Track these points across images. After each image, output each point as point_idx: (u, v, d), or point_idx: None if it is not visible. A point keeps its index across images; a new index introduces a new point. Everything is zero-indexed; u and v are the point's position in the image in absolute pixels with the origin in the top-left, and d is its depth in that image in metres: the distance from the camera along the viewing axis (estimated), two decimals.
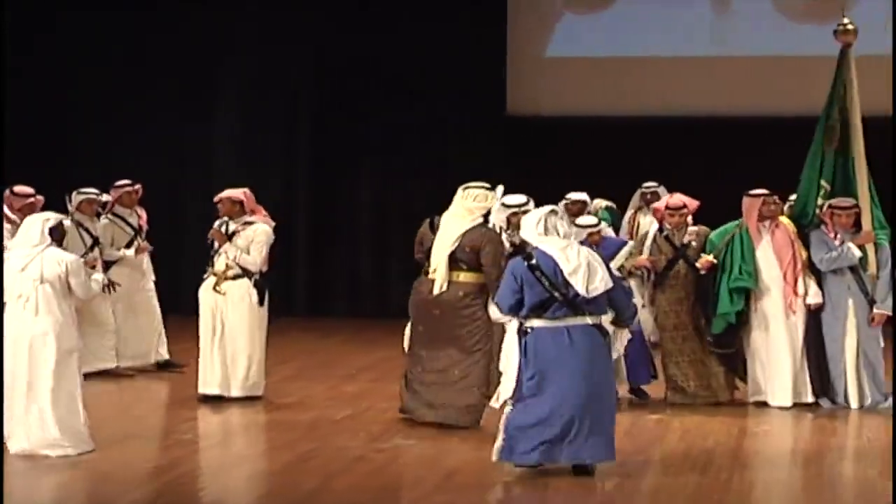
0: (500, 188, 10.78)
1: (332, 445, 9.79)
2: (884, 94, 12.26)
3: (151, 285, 12.81)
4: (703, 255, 11.21)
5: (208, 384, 11.31)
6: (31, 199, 12.01)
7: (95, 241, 12.50)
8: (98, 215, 12.65)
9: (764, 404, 11.22)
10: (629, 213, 14.57)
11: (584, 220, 11.61)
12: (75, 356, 9.33)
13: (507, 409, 8.79)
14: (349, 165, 17.24)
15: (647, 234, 11.70)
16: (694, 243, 11.33)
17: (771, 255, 11.20)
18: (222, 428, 10.65)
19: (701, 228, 11.39)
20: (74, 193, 12.56)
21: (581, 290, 8.58)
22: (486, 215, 10.51)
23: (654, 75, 16.83)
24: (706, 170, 15.63)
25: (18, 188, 12.08)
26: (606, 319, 8.80)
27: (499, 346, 9.22)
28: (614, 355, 8.97)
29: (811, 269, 11.22)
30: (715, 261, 11.16)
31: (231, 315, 11.30)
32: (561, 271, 8.62)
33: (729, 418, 10.79)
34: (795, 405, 11.17)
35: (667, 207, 11.43)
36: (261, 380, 11.40)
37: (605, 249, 11.21)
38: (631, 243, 11.70)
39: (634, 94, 16.83)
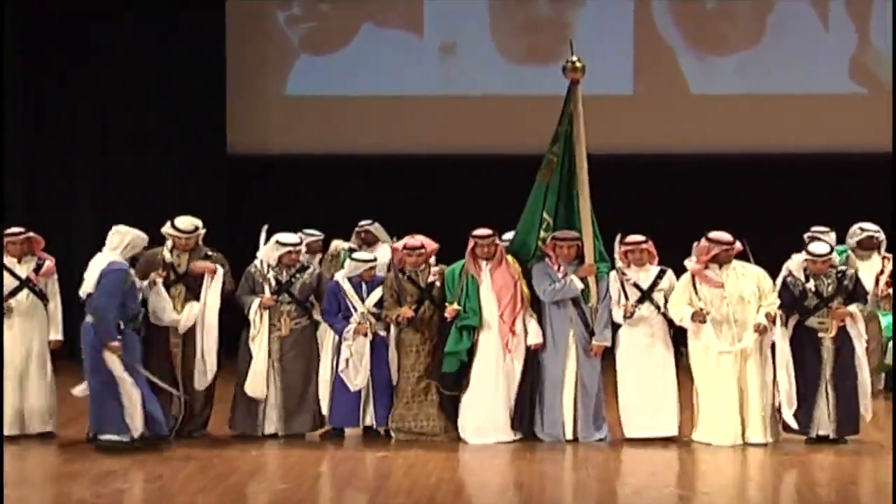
0: (265, 227, 10.86)
1: (52, 491, 9.20)
2: (609, 133, 12.02)
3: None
4: (447, 303, 10.80)
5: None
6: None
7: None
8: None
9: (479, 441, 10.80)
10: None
11: (364, 255, 11.30)
12: None
13: None
14: (62, 203, 16.28)
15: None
16: (438, 283, 10.94)
17: (491, 294, 10.86)
18: None
19: (442, 268, 11.02)
20: None
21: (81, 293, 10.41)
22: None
23: (385, 114, 16.66)
24: (436, 207, 15.39)
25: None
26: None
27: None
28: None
29: (533, 306, 10.88)
30: (460, 308, 10.75)
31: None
32: None
33: (454, 454, 10.46)
34: (521, 440, 10.84)
35: (404, 247, 10.95)
36: None
37: (371, 287, 10.98)
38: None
39: (366, 132, 16.66)
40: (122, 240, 10.54)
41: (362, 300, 10.93)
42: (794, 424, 10.63)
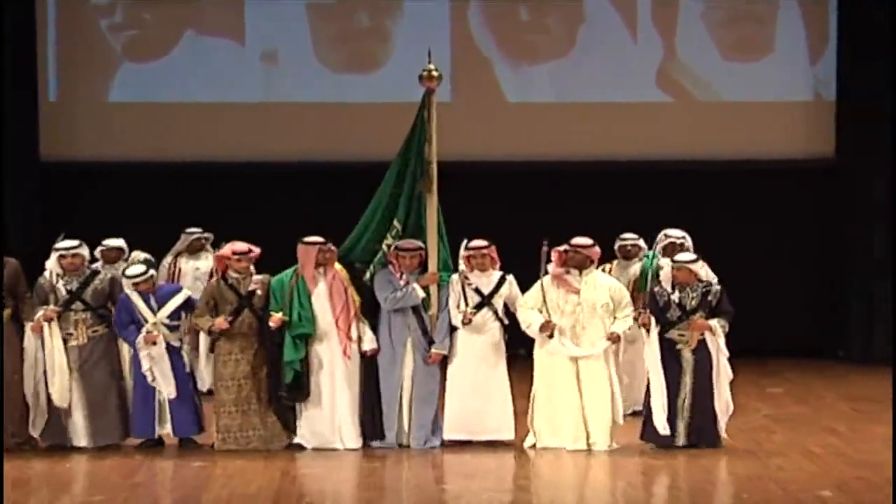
0: (61, 235, 10.51)
1: None
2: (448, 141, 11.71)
3: None
4: (272, 312, 10.40)
5: None
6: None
7: None
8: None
9: (318, 448, 10.49)
10: (168, 258, 13.58)
11: (133, 269, 10.75)
12: None
13: None
14: None
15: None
16: (259, 291, 10.54)
17: (326, 301, 10.55)
18: None
19: (265, 277, 10.64)
20: None
21: None
22: None
23: (206, 121, 16.25)
24: (259, 215, 15.02)
25: None
26: None
27: None
28: None
29: (366, 313, 10.62)
30: (286, 318, 10.39)
31: None
32: None
33: (274, 462, 10.11)
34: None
35: (233, 252, 10.58)
36: None
37: (159, 297, 10.54)
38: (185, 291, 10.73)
39: (186, 139, 16.25)
40: None
41: (153, 311, 10.52)
42: (664, 431, 10.27)
